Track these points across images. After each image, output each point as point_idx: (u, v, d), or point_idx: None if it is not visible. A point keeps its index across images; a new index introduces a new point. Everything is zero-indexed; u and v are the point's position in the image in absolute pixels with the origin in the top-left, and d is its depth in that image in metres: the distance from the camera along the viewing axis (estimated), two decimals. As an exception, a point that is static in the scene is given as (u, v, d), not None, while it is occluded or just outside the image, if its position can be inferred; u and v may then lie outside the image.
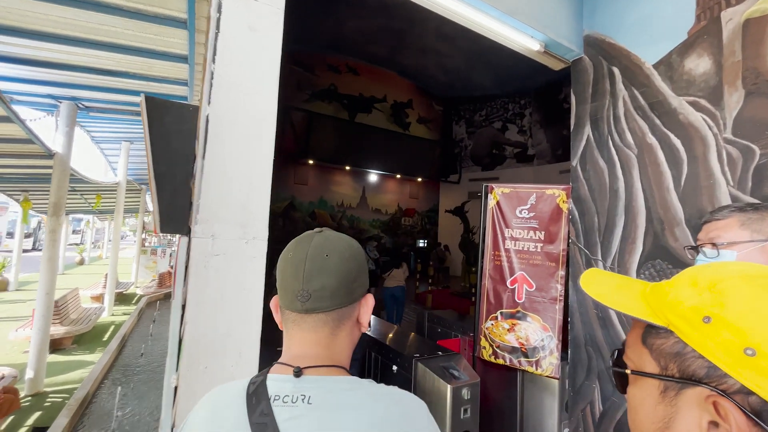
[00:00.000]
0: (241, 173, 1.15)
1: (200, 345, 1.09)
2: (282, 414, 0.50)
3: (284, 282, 0.59)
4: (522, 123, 13.97)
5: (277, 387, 0.54)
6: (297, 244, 0.61)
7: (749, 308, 0.33)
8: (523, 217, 2.29)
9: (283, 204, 11.56)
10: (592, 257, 2.02)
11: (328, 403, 0.52)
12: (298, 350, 0.58)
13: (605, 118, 2.01)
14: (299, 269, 0.57)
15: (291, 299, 0.58)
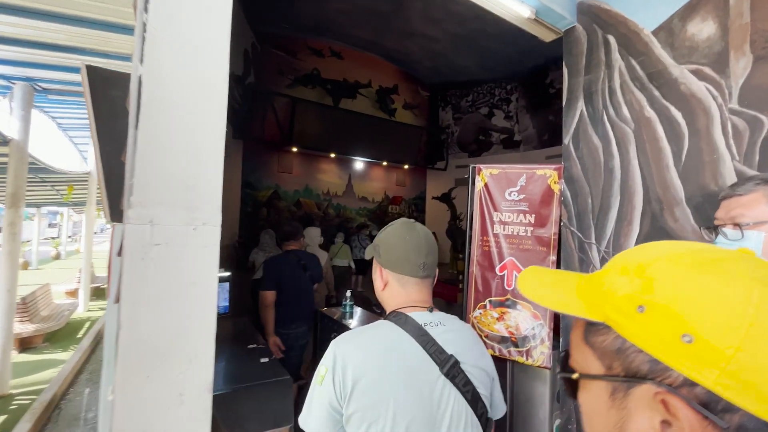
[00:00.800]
0: (186, 147, 0.97)
1: (139, 351, 0.92)
2: (432, 332, 0.81)
3: (406, 255, 0.87)
4: (508, 109, 13.90)
5: (421, 318, 0.83)
6: (407, 229, 0.91)
7: (680, 291, 0.31)
8: (512, 199, 2.15)
9: (267, 193, 11.27)
10: (586, 241, 1.90)
11: (452, 325, 0.86)
12: (418, 298, 0.89)
13: (600, 91, 1.88)
14: (421, 248, 0.88)
15: (413, 268, 0.87)
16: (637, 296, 0.33)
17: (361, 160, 12.76)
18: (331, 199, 12.31)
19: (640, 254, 0.37)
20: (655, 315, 0.31)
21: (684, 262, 0.33)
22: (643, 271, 0.34)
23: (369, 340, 0.81)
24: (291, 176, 11.73)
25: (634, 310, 0.33)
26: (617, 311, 0.34)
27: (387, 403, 0.73)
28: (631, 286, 0.34)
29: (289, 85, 11.55)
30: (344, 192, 12.65)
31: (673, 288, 0.31)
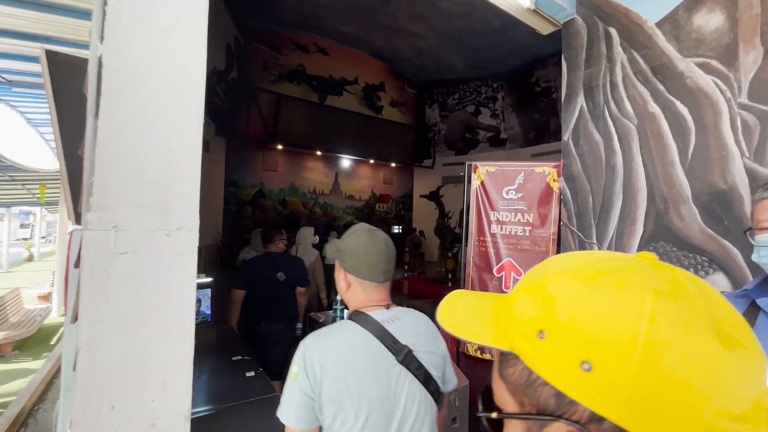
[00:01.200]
0: (157, 140, 0.84)
1: (102, 377, 0.79)
2: (389, 327, 0.92)
3: (370, 262, 0.95)
4: (495, 107, 13.97)
5: (379, 316, 0.94)
6: (371, 238, 0.98)
7: (576, 310, 0.27)
8: (510, 198, 2.08)
9: (251, 191, 11.04)
10: (587, 241, 1.84)
11: (406, 319, 0.97)
12: (377, 298, 0.98)
13: (601, 85, 1.81)
14: (381, 255, 0.96)
15: (374, 274, 0.96)
16: (538, 319, 0.30)
17: (348, 157, 12.62)
18: (318, 198, 12.13)
19: (544, 270, 0.33)
20: (555, 340, 0.28)
21: (581, 276, 0.29)
22: (543, 289, 0.31)
23: (333, 338, 0.91)
24: (276, 174, 11.50)
25: (535, 335, 0.29)
26: (522, 337, 0.30)
27: (352, 392, 0.85)
28: (533, 308, 0.30)
29: (273, 81, 11.30)
30: (331, 190, 12.49)
31: (570, 308, 0.28)
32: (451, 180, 12.77)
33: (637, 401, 0.24)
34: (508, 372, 0.32)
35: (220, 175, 10.30)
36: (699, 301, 0.26)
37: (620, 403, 0.25)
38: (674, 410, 0.24)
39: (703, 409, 0.23)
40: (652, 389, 0.24)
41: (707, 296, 0.27)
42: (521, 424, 0.31)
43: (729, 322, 0.26)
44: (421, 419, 0.91)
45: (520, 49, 12.30)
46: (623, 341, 0.25)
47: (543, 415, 0.29)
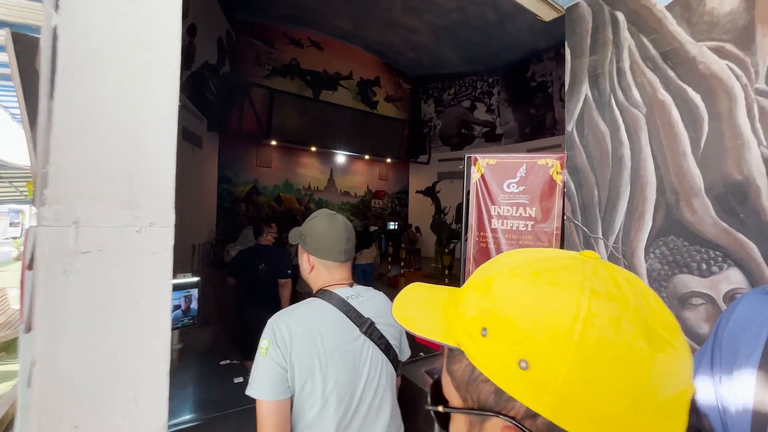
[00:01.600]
0: (125, 125, 0.74)
1: (63, 394, 0.69)
2: (353, 302, 1.01)
3: (330, 243, 1.03)
4: (490, 102, 13.92)
5: (343, 293, 1.02)
6: (330, 221, 1.05)
7: (515, 310, 0.28)
8: (511, 191, 2.00)
9: (245, 188, 10.93)
10: (592, 235, 1.76)
11: (368, 295, 1.07)
12: (340, 277, 1.05)
13: (607, 73, 1.73)
14: (342, 237, 1.03)
15: (336, 254, 1.03)
16: (482, 318, 0.30)
17: (343, 153, 12.50)
18: (313, 194, 12.03)
19: (494, 266, 0.34)
20: (496, 339, 0.29)
21: (522, 274, 0.30)
22: (489, 287, 0.31)
23: (301, 313, 0.95)
24: (270, 171, 11.36)
25: (479, 333, 0.30)
26: (467, 335, 0.31)
27: (321, 360, 0.90)
28: (479, 305, 0.31)
29: (266, 75, 11.13)
30: (326, 187, 12.38)
31: (510, 306, 0.29)
32: (447, 176, 12.73)
33: (568, 399, 0.25)
34: (454, 368, 0.33)
35: (213, 171, 10.14)
36: (633, 301, 0.27)
37: (553, 401, 0.25)
38: (602, 407, 0.24)
39: (630, 405, 0.24)
40: (583, 387, 0.25)
41: (642, 296, 0.28)
42: (464, 418, 0.32)
43: (660, 322, 0.27)
44: (384, 384, 1.01)
45: (516, 43, 12.24)
46: (558, 341, 0.26)
47: (483, 410, 0.29)
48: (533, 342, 0.27)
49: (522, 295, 0.29)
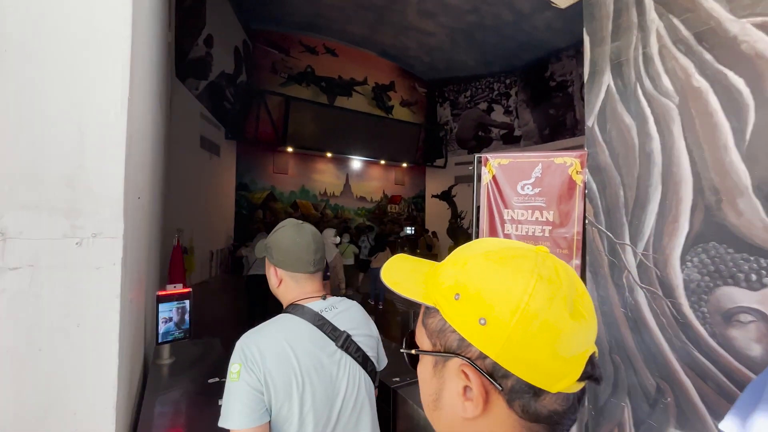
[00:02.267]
0: (64, 122, 0.64)
1: (-17, 434, 0.60)
2: (327, 315, 0.96)
3: (299, 254, 0.98)
4: (508, 103, 13.66)
5: (316, 306, 0.98)
6: (297, 231, 1.01)
7: (483, 283, 0.38)
8: (526, 194, 1.83)
9: (262, 194, 11.09)
10: (617, 242, 1.58)
11: (342, 306, 1.03)
12: (311, 290, 1.01)
13: (632, 60, 1.55)
14: (310, 248, 1.00)
15: (305, 265, 0.99)
16: (456, 286, 0.39)
17: (359, 159, 12.47)
18: (329, 200, 12.06)
19: (468, 249, 0.43)
20: (465, 302, 0.38)
21: (492, 258, 0.39)
22: (465, 264, 0.41)
23: (271, 330, 0.90)
24: (286, 177, 11.47)
25: (453, 297, 0.39)
26: (443, 298, 0.40)
27: (296, 379, 0.86)
28: (456, 277, 0.40)
29: (282, 83, 11.27)
30: (342, 192, 12.38)
31: (479, 280, 0.38)
32: (463, 179, 12.51)
33: (510, 347, 0.35)
34: (429, 321, 0.42)
35: (231, 178, 10.31)
36: (565, 285, 0.37)
37: (498, 348, 0.35)
38: (531, 354, 0.35)
39: (550, 355, 0.35)
40: (521, 340, 0.35)
41: (572, 283, 0.38)
42: (432, 359, 0.42)
43: (580, 302, 0.37)
44: (362, 398, 0.98)
45: (533, 42, 11.95)
46: (509, 308, 0.35)
47: (448, 353, 0.39)
48: (492, 307, 0.36)
49: (489, 273, 0.38)
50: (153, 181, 2.01)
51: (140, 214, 1.18)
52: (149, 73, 1.41)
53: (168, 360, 1.58)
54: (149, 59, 1.37)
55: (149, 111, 1.52)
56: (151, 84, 1.59)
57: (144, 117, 1.25)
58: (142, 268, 1.43)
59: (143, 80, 1.16)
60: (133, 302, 1.20)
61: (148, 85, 1.44)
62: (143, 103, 1.20)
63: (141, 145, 1.18)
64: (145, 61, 1.22)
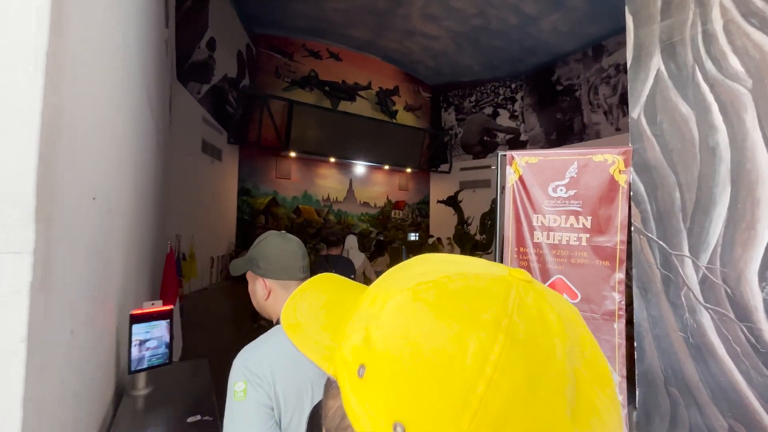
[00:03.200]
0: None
1: None
2: None
3: (287, 261, 0.96)
4: (513, 108, 13.58)
5: None
6: (282, 239, 0.99)
7: (405, 351, 0.21)
8: (558, 196, 1.59)
9: (265, 200, 10.98)
10: (673, 252, 1.34)
11: None
12: None
13: (688, 39, 1.32)
14: (297, 254, 0.98)
15: (295, 272, 0.96)
16: (364, 349, 0.22)
17: (362, 164, 12.34)
18: (332, 206, 11.92)
19: (400, 275, 0.26)
20: (373, 385, 0.21)
21: (426, 297, 0.22)
22: (384, 304, 0.23)
23: (271, 346, 0.85)
24: (289, 182, 11.35)
25: (356, 370, 0.22)
26: (344, 368, 0.23)
27: (307, 387, 0.82)
28: (367, 329, 0.23)
29: (285, 87, 11.20)
30: (345, 198, 12.25)
31: (400, 342, 0.21)
32: (469, 185, 12.32)
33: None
34: (329, 404, 0.26)
35: (233, 183, 10.18)
36: (561, 352, 0.20)
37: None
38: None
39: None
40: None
41: (576, 342, 0.21)
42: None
43: (591, 379, 0.20)
44: None
45: (539, 46, 11.82)
46: (450, 407, 0.18)
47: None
48: (417, 402, 0.19)
49: (418, 329, 0.21)
50: (141, 184, 1.80)
51: (101, 219, 0.95)
52: (123, 60, 1.20)
53: (144, 390, 1.34)
54: (121, 41, 1.16)
55: (126, 104, 1.31)
56: (129, 73, 1.37)
57: (109, 106, 1.04)
58: (113, 286, 1.21)
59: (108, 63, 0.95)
60: (95, 328, 0.97)
61: (121, 71, 1.22)
62: (109, 90, 0.98)
63: (104, 140, 0.96)
64: (110, 39, 1.00)
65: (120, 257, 1.30)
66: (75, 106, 0.66)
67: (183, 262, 5.02)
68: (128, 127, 1.34)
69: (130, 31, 1.36)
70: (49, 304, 0.54)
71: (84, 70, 0.71)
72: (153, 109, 2.33)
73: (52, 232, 0.54)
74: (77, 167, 0.69)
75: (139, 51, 1.58)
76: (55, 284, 0.57)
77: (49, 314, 0.54)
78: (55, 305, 0.58)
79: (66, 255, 0.63)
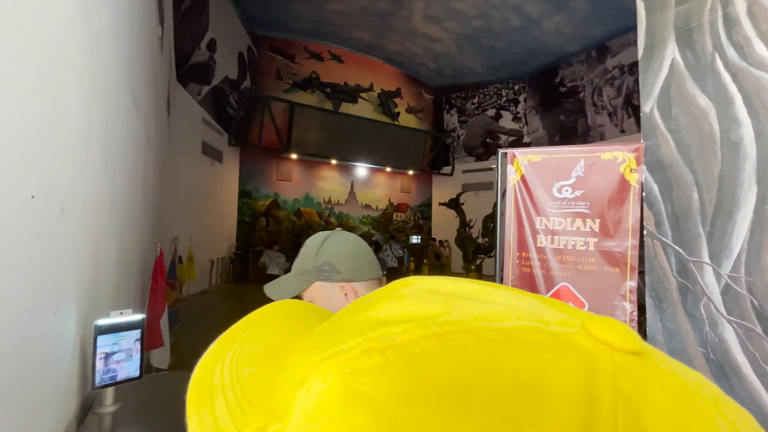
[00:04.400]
0: None
1: None
2: None
3: (367, 258, 0.84)
4: (516, 110, 13.47)
5: None
6: (349, 236, 0.87)
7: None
8: (564, 197, 1.47)
9: (265, 202, 10.92)
10: (691, 259, 1.21)
11: None
12: None
13: (706, 25, 1.21)
14: (368, 249, 0.87)
15: (375, 269, 0.84)
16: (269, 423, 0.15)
17: (364, 166, 12.25)
18: (333, 208, 11.82)
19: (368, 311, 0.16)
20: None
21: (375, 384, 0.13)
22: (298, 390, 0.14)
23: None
24: (290, 184, 11.27)
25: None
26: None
27: None
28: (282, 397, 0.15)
29: (287, 89, 11.14)
30: (346, 200, 12.16)
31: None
32: (471, 187, 12.18)
33: None
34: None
35: (234, 185, 10.11)
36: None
37: None
38: None
39: None
40: None
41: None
42: None
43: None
44: None
45: (543, 48, 11.71)
46: None
47: None
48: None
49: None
50: (120, 183, 1.70)
51: (47, 221, 0.85)
52: (87, 49, 1.11)
53: (111, 407, 1.23)
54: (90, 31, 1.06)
55: (93, 96, 1.22)
56: (99, 63, 1.28)
57: (61, 96, 0.94)
58: (71, 295, 1.11)
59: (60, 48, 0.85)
60: (41, 344, 0.86)
61: (85, 59, 1.13)
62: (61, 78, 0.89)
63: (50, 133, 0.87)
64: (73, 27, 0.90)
65: (84, 262, 1.19)
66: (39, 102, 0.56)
67: (179, 266, 4.93)
68: (95, 120, 1.24)
69: (101, 20, 1.26)
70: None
71: (18, 56, 0.61)
72: (139, 107, 2.24)
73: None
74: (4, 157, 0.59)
75: (115, 41, 1.48)
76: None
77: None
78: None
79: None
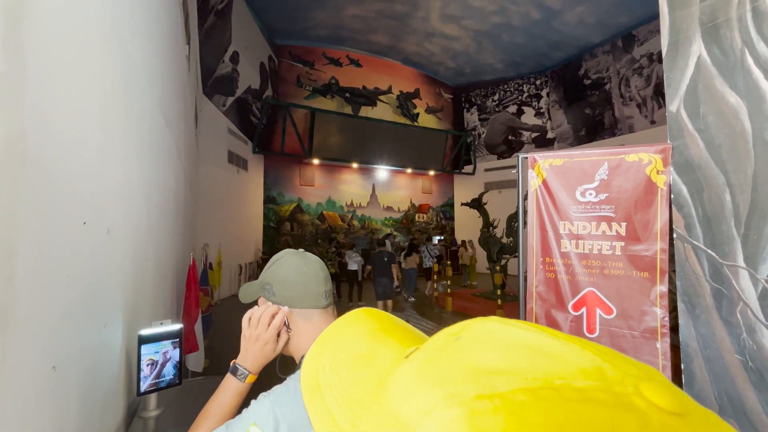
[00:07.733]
0: None
1: None
2: None
3: (307, 287, 0.80)
4: (539, 105, 13.14)
5: None
6: (301, 259, 0.83)
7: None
8: (588, 201, 1.45)
9: (290, 207, 11.17)
10: (725, 263, 1.17)
11: None
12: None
13: (734, 20, 1.16)
14: (319, 276, 0.82)
15: (316, 299, 0.80)
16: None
17: (385, 168, 12.31)
18: (355, 211, 11.94)
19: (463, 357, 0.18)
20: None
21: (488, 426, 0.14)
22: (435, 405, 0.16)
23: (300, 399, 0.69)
24: (313, 189, 11.48)
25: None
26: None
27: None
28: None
29: (307, 96, 11.37)
30: (368, 203, 12.25)
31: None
32: (494, 186, 11.99)
33: None
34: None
35: (259, 192, 10.41)
36: None
37: None
38: None
39: None
40: None
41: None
42: None
43: None
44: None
45: (565, 40, 11.38)
46: None
47: None
48: None
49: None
50: (157, 201, 1.81)
51: (95, 243, 0.93)
52: (123, 81, 1.20)
53: (155, 411, 1.32)
54: (120, 61, 1.15)
55: (129, 125, 1.31)
56: (134, 91, 1.38)
57: (112, 126, 1.02)
58: (116, 308, 1.19)
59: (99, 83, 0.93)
60: (93, 356, 0.94)
61: (122, 90, 1.22)
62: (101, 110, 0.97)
63: (94, 160, 0.95)
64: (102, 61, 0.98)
65: (126, 277, 1.28)
66: (47, 132, 0.62)
67: (210, 272, 5.13)
68: (132, 143, 1.33)
69: (135, 50, 1.35)
70: (7, 348, 0.50)
71: (56, 94, 0.68)
72: (170, 124, 2.37)
73: (13, 269, 0.50)
74: (60, 191, 0.66)
75: (146, 69, 1.58)
76: (19, 324, 0.53)
77: (8, 357, 0.51)
78: (20, 346, 0.54)
79: (39, 290, 0.59)
